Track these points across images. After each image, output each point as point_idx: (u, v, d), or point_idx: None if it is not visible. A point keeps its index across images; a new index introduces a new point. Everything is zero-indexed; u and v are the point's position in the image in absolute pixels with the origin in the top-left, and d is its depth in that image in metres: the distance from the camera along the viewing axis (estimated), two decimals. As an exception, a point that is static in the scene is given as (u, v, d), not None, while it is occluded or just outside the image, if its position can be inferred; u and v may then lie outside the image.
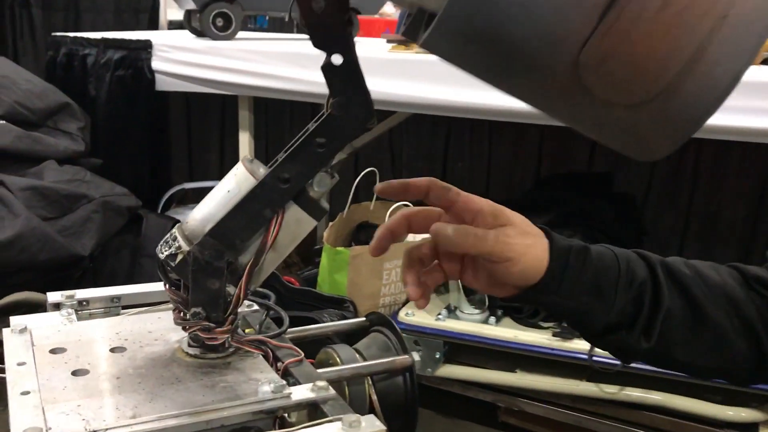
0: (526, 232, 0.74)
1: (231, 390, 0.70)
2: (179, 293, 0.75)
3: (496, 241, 0.72)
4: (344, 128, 0.70)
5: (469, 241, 0.72)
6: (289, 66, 2.05)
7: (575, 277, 0.74)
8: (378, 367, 0.83)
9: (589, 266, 0.75)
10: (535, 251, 0.73)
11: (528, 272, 0.74)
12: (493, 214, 0.74)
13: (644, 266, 0.79)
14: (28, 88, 2.17)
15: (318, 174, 0.72)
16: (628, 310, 0.76)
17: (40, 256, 1.84)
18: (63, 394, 0.68)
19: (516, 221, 0.75)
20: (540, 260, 0.74)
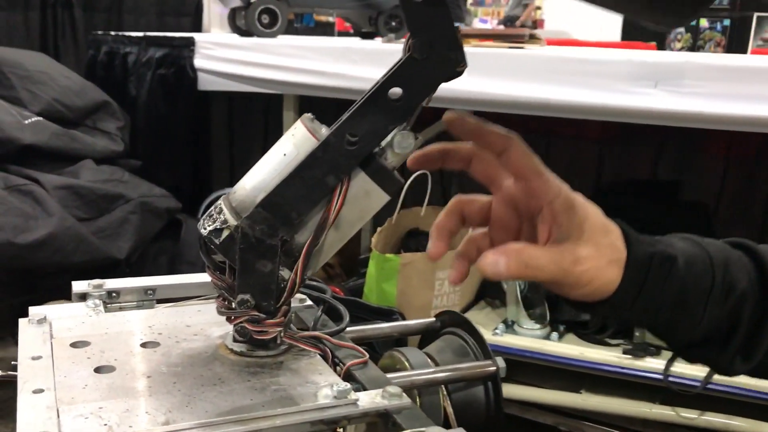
0: (601, 248, 0.61)
1: (284, 394, 0.57)
2: (224, 277, 0.63)
3: (554, 268, 0.59)
4: (428, 74, 0.57)
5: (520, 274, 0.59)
6: (337, 62, 1.95)
7: (654, 293, 0.62)
8: (456, 375, 0.69)
9: (673, 279, 0.62)
10: (607, 274, 0.61)
11: (595, 295, 0.62)
12: (567, 209, 0.60)
13: (752, 269, 0.65)
14: (67, 85, 2.11)
15: (398, 133, 0.59)
16: (721, 325, 0.63)
17: (74, 257, 1.75)
18: (82, 393, 0.56)
19: (590, 230, 0.61)
20: (612, 282, 0.61)
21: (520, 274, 0.59)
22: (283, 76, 2.07)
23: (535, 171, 0.61)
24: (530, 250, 0.60)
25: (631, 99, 1.60)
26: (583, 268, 0.59)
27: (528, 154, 0.61)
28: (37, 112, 2.00)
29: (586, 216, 0.61)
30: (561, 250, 0.60)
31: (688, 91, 1.57)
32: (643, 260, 0.62)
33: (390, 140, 0.59)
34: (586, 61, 1.66)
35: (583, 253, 0.60)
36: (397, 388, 0.58)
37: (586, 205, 0.62)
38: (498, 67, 1.74)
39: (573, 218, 0.60)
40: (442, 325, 0.79)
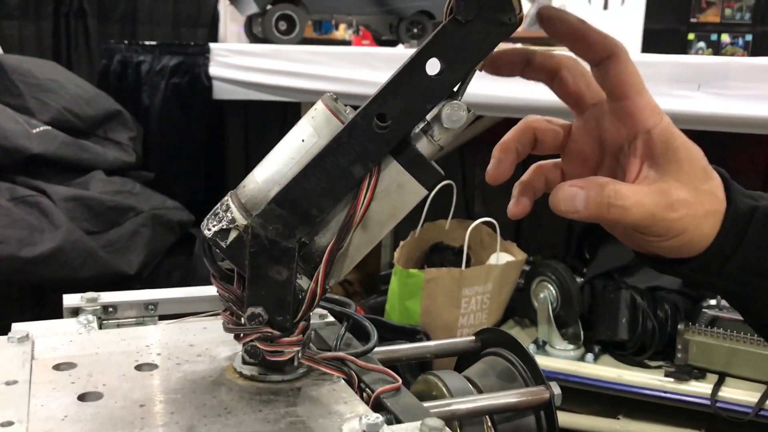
0: (700, 194, 0.51)
1: (302, 427, 0.47)
2: (232, 287, 0.54)
3: (641, 211, 0.49)
4: (474, 40, 0.48)
5: (600, 215, 0.50)
6: (357, 68, 1.86)
7: (750, 255, 0.52)
8: (503, 403, 0.59)
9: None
10: (702, 227, 0.51)
11: (683, 249, 0.52)
12: (666, 141, 0.51)
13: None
14: (78, 93, 2.04)
15: (446, 104, 0.49)
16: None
17: (81, 272, 1.67)
18: (61, 426, 0.47)
19: (690, 170, 0.51)
20: (706, 237, 0.52)
21: (601, 214, 0.50)
22: (301, 84, 2.00)
23: (637, 89, 0.51)
24: (617, 185, 0.50)
25: (672, 102, 1.50)
26: (677, 215, 0.50)
27: (632, 67, 0.51)
28: (46, 121, 1.93)
29: (687, 154, 0.51)
30: (654, 191, 0.50)
31: (733, 94, 1.47)
32: (744, 215, 0.52)
33: (438, 113, 0.50)
34: (624, 63, 1.56)
35: (680, 196, 0.50)
36: (438, 421, 0.48)
37: (688, 143, 0.52)
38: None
39: (672, 154, 0.51)
40: (483, 345, 0.69)
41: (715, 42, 4.60)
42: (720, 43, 4.65)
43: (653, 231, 0.51)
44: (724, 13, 4.48)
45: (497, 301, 1.89)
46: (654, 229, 0.51)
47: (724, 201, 0.52)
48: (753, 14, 4.56)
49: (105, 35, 2.77)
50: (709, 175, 0.52)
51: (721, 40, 4.65)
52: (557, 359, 1.71)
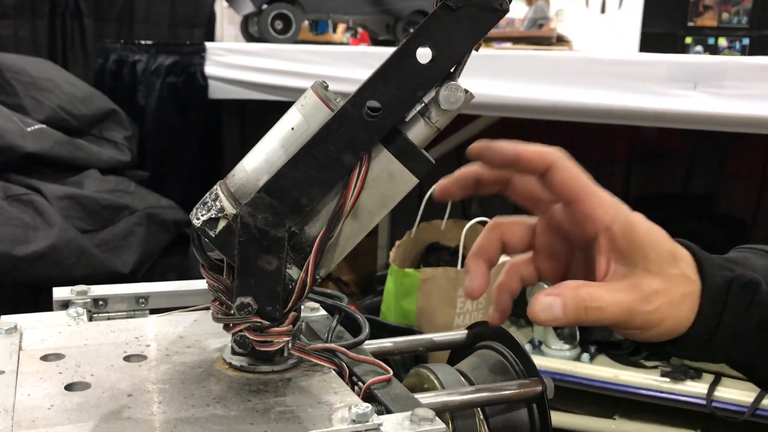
0: (671, 280, 0.51)
1: (292, 417, 0.47)
2: (221, 277, 0.53)
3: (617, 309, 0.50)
4: (465, 26, 0.47)
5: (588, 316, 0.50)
6: (354, 67, 1.86)
7: (734, 326, 0.52)
8: (496, 395, 0.58)
9: (756, 307, 0.52)
10: (680, 311, 0.51)
11: (666, 335, 0.52)
12: (628, 234, 0.51)
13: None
14: (72, 92, 2.03)
15: (444, 86, 0.49)
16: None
17: (75, 271, 1.66)
18: (47, 415, 0.46)
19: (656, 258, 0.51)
20: (686, 319, 0.51)
21: (579, 318, 0.50)
22: (298, 83, 1.99)
23: (585, 190, 0.52)
24: (590, 287, 0.50)
25: (668, 102, 1.50)
26: (653, 306, 0.50)
27: (575, 171, 0.52)
28: (40, 119, 1.92)
29: (651, 241, 0.51)
30: (626, 286, 0.50)
31: (729, 93, 1.47)
32: (720, 289, 0.52)
33: (435, 95, 0.49)
34: (621, 63, 1.56)
35: (652, 287, 0.50)
36: (428, 411, 0.48)
37: (650, 228, 0.51)
38: (525, 71, 1.65)
39: (636, 245, 0.50)
40: (475, 339, 0.68)
41: (712, 46, 4.61)
42: (717, 46, 4.66)
43: (632, 325, 0.51)
44: (721, 17, 4.49)
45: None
46: (632, 323, 0.51)
47: (697, 280, 0.52)
48: (750, 18, 4.56)
49: (101, 35, 2.76)
50: (677, 257, 0.52)
51: (718, 44, 4.66)
52: (553, 359, 1.71)
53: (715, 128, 1.57)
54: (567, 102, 1.59)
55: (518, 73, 1.65)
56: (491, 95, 1.65)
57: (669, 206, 2.11)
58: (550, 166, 0.52)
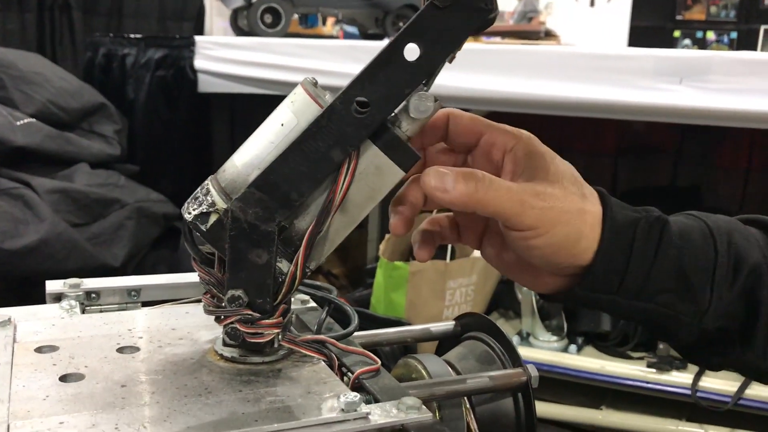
0: (567, 192, 0.51)
1: (282, 406, 0.48)
2: (212, 271, 0.54)
3: (509, 196, 0.49)
4: (452, 25, 0.48)
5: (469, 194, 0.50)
6: (343, 61, 1.87)
7: (646, 265, 0.50)
8: (481, 385, 0.60)
9: (667, 247, 0.51)
10: (575, 222, 0.50)
11: (563, 252, 0.50)
12: (529, 152, 0.52)
13: (762, 239, 0.54)
14: (62, 86, 2.03)
15: (414, 95, 0.50)
16: (736, 309, 0.52)
17: (66, 265, 1.66)
18: (42, 406, 0.47)
19: (557, 172, 0.52)
20: (584, 236, 0.50)
21: (468, 196, 0.50)
22: (287, 77, 2.00)
23: (486, 125, 0.54)
24: (488, 175, 0.51)
25: (654, 96, 1.51)
26: (546, 204, 0.50)
27: (469, 115, 0.55)
28: (30, 113, 1.92)
29: (553, 159, 0.53)
30: (521, 185, 0.51)
31: (714, 87, 1.49)
32: (626, 222, 0.51)
33: (405, 104, 0.50)
34: (608, 57, 1.57)
35: (546, 189, 0.51)
36: (415, 400, 0.49)
37: (552, 153, 0.53)
38: (513, 65, 1.66)
39: (538, 159, 0.52)
40: (463, 330, 0.69)
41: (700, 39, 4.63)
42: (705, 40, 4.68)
43: (524, 221, 0.50)
44: (709, 10, 4.51)
45: (481, 293, 1.90)
46: (524, 218, 0.50)
47: (599, 206, 0.52)
48: (738, 12, 4.59)
49: (90, 28, 2.75)
50: (580, 181, 0.53)
51: (706, 38, 4.68)
52: (541, 350, 1.73)
53: (700, 122, 1.59)
54: (554, 96, 1.60)
55: (506, 67, 1.66)
56: (480, 89, 1.66)
57: (656, 199, 2.12)
58: (449, 117, 0.55)
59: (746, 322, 0.53)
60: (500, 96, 1.66)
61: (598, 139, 2.42)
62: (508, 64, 1.66)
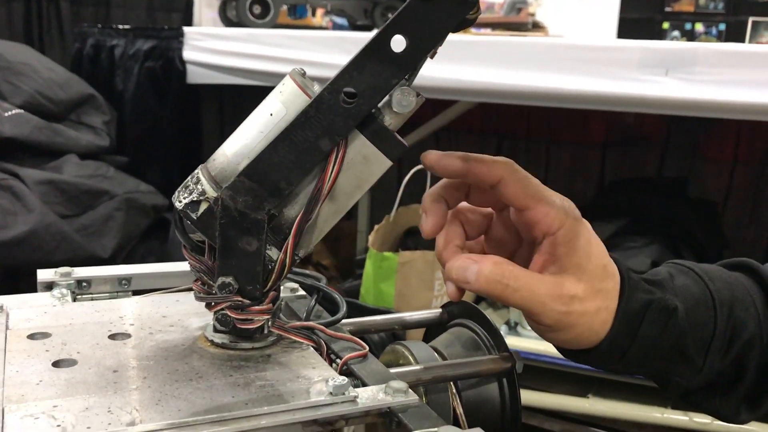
0: (591, 291, 0.53)
1: (272, 390, 0.49)
2: (202, 258, 0.55)
3: (532, 297, 0.51)
4: (436, 19, 0.49)
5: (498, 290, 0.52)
6: (332, 52, 1.87)
7: (648, 346, 0.55)
8: (467, 370, 0.61)
9: (671, 331, 0.55)
10: (591, 323, 0.53)
11: (573, 343, 0.55)
12: (569, 242, 0.53)
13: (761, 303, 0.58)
14: (50, 77, 2.02)
15: (396, 90, 0.51)
16: (724, 374, 0.57)
17: (54, 256, 1.66)
18: (36, 390, 0.48)
19: (588, 269, 0.53)
20: (596, 332, 0.54)
21: (489, 289, 0.52)
22: (276, 68, 1.99)
23: (534, 198, 0.53)
24: (511, 266, 0.52)
25: (640, 87, 1.52)
26: (567, 308, 0.52)
27: (525, 180, 0.53)
28: (18, 104, 1.91)
29: (588, 253, 0.53)
30: (549, 281, 0.52)
31: (700, 79, 1.50)
32: (638, 310, 0.54)
33: (388, 99, 0.51)
34: (594, 49, 1.58)
35: (572, 291, 0.52)
36: (402, 383, 0.50)
37: (591, 241, 0.54)
38: (500, 56, 1.67)
39: (573, 253, 0.53)
40: (449, 317, 0.71)
41: (689, 31, 4.65)
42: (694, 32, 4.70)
43: (542, 320, 0.53)
44: (698, 2, 4.53)
45: (470, 284, 1.91)
46: (543, 318, 0.52)
47: (616, 299, 0.54)
48: (726, 4, 4.60)
49: (78, 19, 2.73)
50: (608, 273, 0.54)
51: (695, 29, 4.70)
52: (529, 339, 1.74)
53: (686, 113, 1.60)
54: (542, 87, 1.61)
55: (494, 58, 1.67)
56: (468, 80, 1.67)
57: (643, 190, 2.14)
58: (500, 181, 0.54)
59: (729, 384, 0.57)
60: (488, 87, 1.67)
61: (587, 130, 2.44)
62: (496, 56, 1.66)
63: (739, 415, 0.59)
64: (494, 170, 0.54)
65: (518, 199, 0.53)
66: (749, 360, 0.57)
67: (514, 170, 0.54)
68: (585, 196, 2.39)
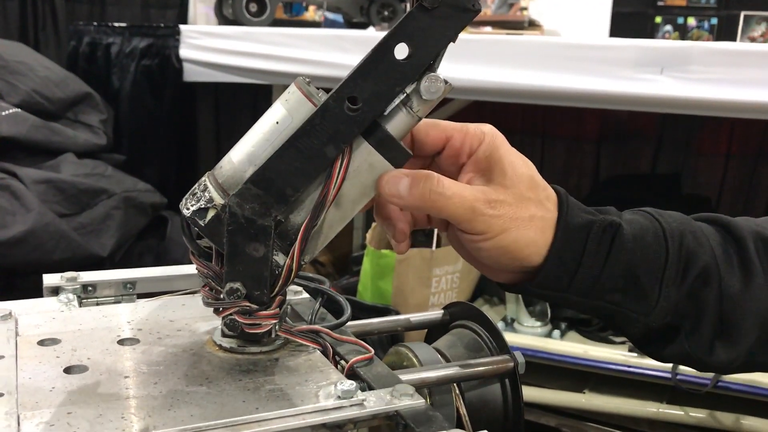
0: (523, 200, 0.53)
1: (281, 394, 0.50)
2: (210, 264, 0.56)
3: (461, 203, 0.52)
4: (440, 25, 0.50)
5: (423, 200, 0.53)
6: (328, 50, 1.87)
7: (596, 267, 0.53)
8: (470, 372, 0.62)
9: (619, 252, 0.53)
10: (524, 229, 0.53)
11: (509, 255, 0.53)
12: (489, 154, 0.54)
13: (718, 242, 0.57)
14: (47, 76, 2.02)
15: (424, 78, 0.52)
16: (683, 309, 0.55)
17: (53, 255, 1.67)
18: (49, 397, 0.49)
19: (514, 176, 0.54)
20: (533, 242, 0.53)
21: (422, 200, 0.52)
22: (272, 66, 2.00)
23: (450, 128, 0.56)
24: (441, 178, 0.53)
25: (635, 85, 1.54)
26: (496, 212, 0.52)
27: (433, 123, 0.56)
28: (15, 103, 1.91)
29: (510, 161, 0.54)
30: (475, 189, 0.53)
31: (695, 77, 1.51)
32: (579, 226, 0.54)
33: (416, 86, 0.52)
34: (589, 47, 1.59)
35: (499, 196, 0.53)
36: (408, 387, 0.51)
37: (511, 152, 0.55)
38: (496, 55, 1.68)
39: (495, 163, 0.54)
40: (451, 318, 0.72)
41: (681, 25, 4.67)
42: (686, 26, 4.72)
43: (475, 227, 0.53)
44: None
45: (467, 280, 1.92)
46: (474, 224, 0.53)
47: (554, 211, 0.54)
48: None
49: (73, 16, 2.73)
50: (538, 185, 0.55)
51: (687, 24, 4.71)
52: (525, 336, 1.75)
53: (681, 111, 1.62)
54: (537, 85, 1.62)
55: (491, 57, 1.68)
56: (465, 79, 1.67)
57: (637, 185, 2.16)
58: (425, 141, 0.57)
59: (693, 320, 0.56)
60: (484, 86, 1.68)
61: (581, 125, 2.45)
62: (492, 54, 1.67)
63: (714, 353, 0.56)
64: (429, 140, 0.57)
65: (435, 137, 0.56)
66: (707, 291, 0.55)
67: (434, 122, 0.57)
68: (580, 192, 2.40)
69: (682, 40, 4.24)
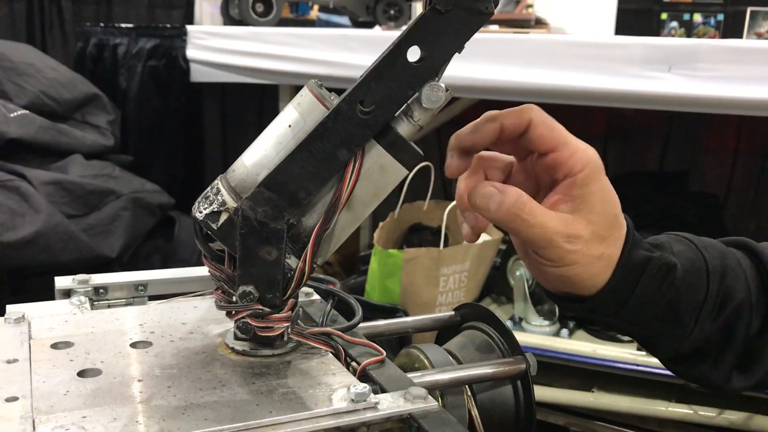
0: (597, 237, 0.55)
1: (294, 397, 0.50)
2: (223, 268, 0.56)
3: (542, 232, 0.53)
4: (453, 28, 0.50)
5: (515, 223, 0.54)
6: (335, 50, 1.87)
7: (645, 302, 0.56)
8: (482, 373, 0.62)
9: (668, 289, 0.56)
10: (591, 266, 0.55)
11: (569, 284, 0.56)
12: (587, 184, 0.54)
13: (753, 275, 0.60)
14: (55, 77, 2.02)
15: (425, 86, 0.52)
16: (713, 339, 0.59)
17: (62, 256, 1.67)
18: (64, 401, 0.49)
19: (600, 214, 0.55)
20: (594, 277, 0.55)
21: (508, 221, 0.54)
22: (279, 66, 2.00)
23: (560, 141, 0.55)
24: (531, 202, 0.54)
25: (643, 83, 1.53)
26: (572, 247, 0.54)
27: (551, 123, 0.56)
28: (23, 105, 1.92)
29: (602, 198, 0.55)
30: (560, 219, 0.54)
31: (702, 75, 1.51)
32: (637, 264, 0.56)
33: (417, 94, 0.52)
34: (597, 45, 1.59)
35: (580, 232, 0.54)
36: (421, 390, 0.51)
37: (606, 189, 0.56)
38: (503, 53, 1.67)
39: (588, 196, 0.54)
40: (462, 320, 0.72)
41: (687, 22, 4.65)
42: (692, 22, 4.70)
43: (546, 254, 0.54)
44: (696, -8, 4.51)
45: (474, 280, 1.92)
46: (547, 252, 0.54)
47: (620, 249, 0.56)
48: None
49: (79, 17, 2.73)
50: (618, 224, 0.56)
51: (693, 20, 4.69)
52: (533, 335, 1.75)
53: (689, 109, 1.61)
54: (544, 84, 1.62)
55: (497, 55, 1.67)
56: (471, 78, 1.67)
57: (645, 183, 2.15)
58: (529, 125, 0.56)
59: (720, 348, 0.59)
60: (491, 84, 1.68)
61: (588, 123, 2.45)
62: (498, 53, 1.67)
63: (731, 382, 0.60)
64: (523, 116, 0.56)
65: (545, 141, 0.55)
66: (738, 326, 0.58)
67: (541, 113, 0.56)
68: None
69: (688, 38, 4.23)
